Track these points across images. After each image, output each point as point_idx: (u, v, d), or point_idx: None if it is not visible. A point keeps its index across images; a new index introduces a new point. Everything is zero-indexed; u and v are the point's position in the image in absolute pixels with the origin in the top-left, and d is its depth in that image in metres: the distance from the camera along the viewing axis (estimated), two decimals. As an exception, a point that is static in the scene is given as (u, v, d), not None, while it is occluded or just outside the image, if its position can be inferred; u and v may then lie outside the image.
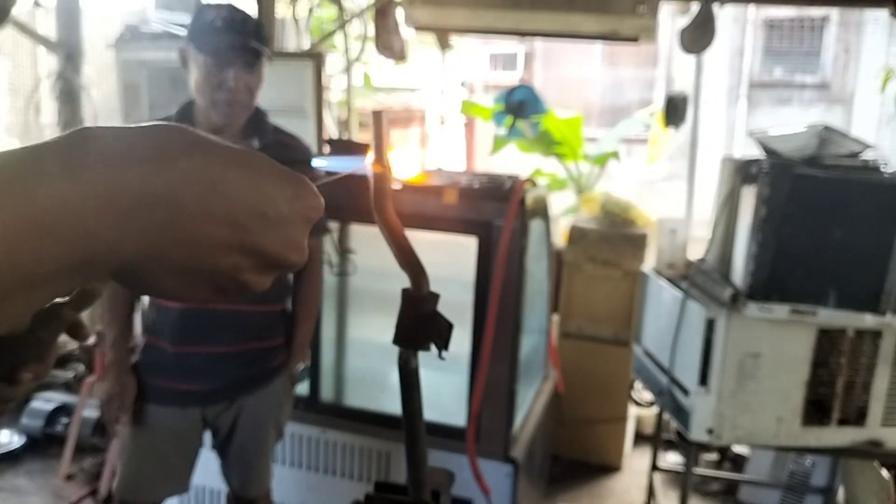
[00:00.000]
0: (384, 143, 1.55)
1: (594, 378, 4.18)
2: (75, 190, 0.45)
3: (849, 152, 2.52)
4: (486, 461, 2.90)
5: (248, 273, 0.53)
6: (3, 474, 3.92)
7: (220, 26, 2.13)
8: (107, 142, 0.48)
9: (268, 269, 0.54)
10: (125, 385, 2.33)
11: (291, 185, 0.54)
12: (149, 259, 0.49)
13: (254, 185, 0.51)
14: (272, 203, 0.52)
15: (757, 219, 2.49)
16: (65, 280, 0.47)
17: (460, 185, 2.99)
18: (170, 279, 0.51)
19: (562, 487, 4.04)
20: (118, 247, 0.47)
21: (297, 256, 0.55)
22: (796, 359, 2.57)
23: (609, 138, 6.89)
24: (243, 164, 0.52)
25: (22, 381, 0.75)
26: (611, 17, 3.18)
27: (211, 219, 0.49)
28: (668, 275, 2.97)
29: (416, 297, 1.68)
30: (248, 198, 0.51)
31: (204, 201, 0.49)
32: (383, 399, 3.16)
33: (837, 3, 5.57)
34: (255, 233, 0.51)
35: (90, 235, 0.46)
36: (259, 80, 2.24)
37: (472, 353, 2.90)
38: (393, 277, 1.79)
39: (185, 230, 0.49)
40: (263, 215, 0.51)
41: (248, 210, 0.51)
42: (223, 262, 0.51)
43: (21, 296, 0.45)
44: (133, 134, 0.50)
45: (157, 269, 0.50)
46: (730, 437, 2.66)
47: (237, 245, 0.51)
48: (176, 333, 2.31)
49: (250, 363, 2.41)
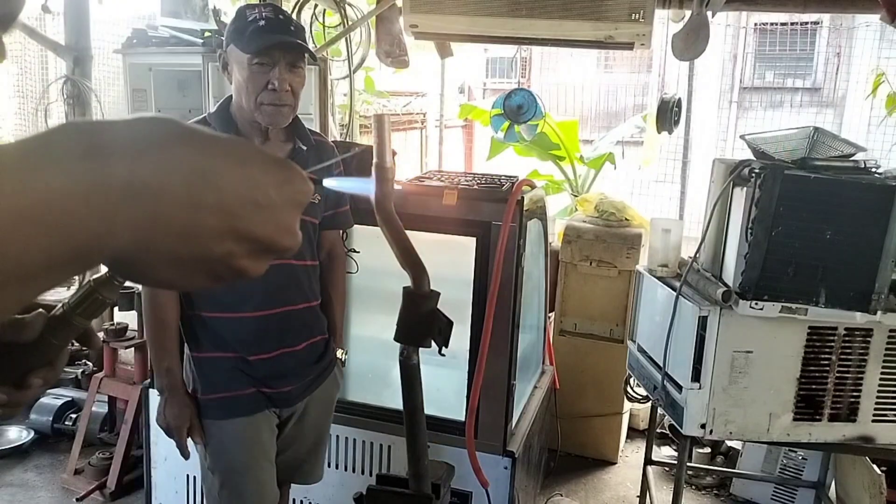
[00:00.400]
0: (386, 146, 1.63)
1: (590, 374, 4.24)
2: (63, 182, 0.45)
3: (839, 154, 2.52)
4: (485, 455, 2.94)
5: (243, 259, 0.53)
6: (13, 469, 3.96)
7: (264, 26, 2.08)
8: (93, 134, 0.49)
9: (262, 254, 0.55)
10: (188, 407, 2.31)
11: (280, 171, 0.54)
12: (141, 249, 0.49)
13: (243, 172, 0.52)
14: (261, 189, 0.52)
15: (748, 219, 2.49)
16: (56, 272, 0.47)
17: (459, 186, 3.02)
18: (164, 268, 0.51)
19: (558, 480, 4.09)
20: (108, 238, 0.47)
21: (290, 240, 0.55)
22: (787, 356, 2.58)
23: (604, 141, 6.96)
24: (231, 153, 0.52)
25: (32, 385, 0.77)
26: (606, 23, 3.20)
27: (201, 207, 0.50)
28: (662, 274, 2.97)
29: (416, 296, 1.76)
30: (238, 185, 0.51)
31: (194, 190, 0.49)
32: (385, 394, 3.19)
33: (829, 8, 5.64)
34: (246, 219, 0.52)
35: (79, 227, 0.46)
36: (303, 80, 2.21)
37: (472, 349, 2.92)
38: (394, 276, 1.86)
39: (176, 219, 0.49)
40: (254, 201, 0.52)
41: (238, 197, 0.51)
42: (216, 249, 0.51)
43: (11, 288, 0.45)
44: (120, 126, 0.50)
45: (150, 258, 0.50)
46: (722, 432, 2.66)
47: (229, 232, 0.51)
48: (250, 342, 2.29)
49: (319, 358, 2.47)
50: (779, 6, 4.22)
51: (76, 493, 3.71)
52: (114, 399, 4.12)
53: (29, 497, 3.75)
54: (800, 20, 11.25)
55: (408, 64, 4.08)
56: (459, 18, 3.29)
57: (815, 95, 12.10)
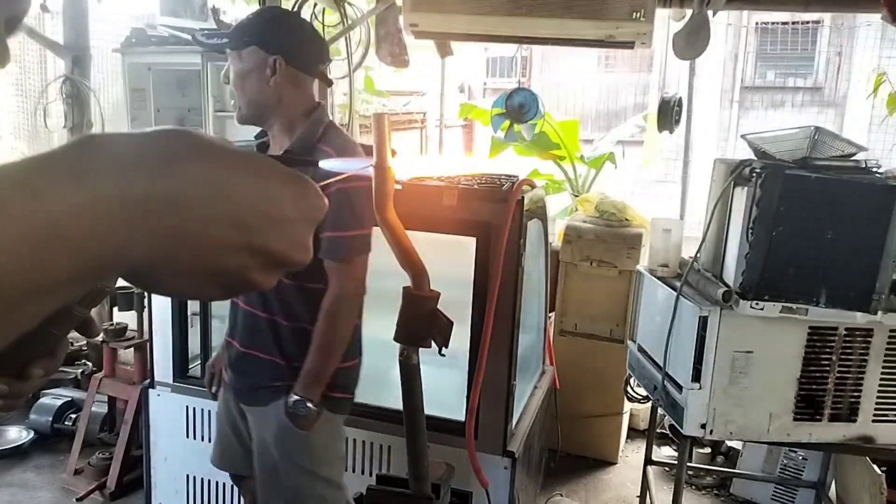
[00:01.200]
0: (385, 146, 1.62)
1: (590, 374, 4.24)
2: (83, 197, 0.45)
3: (840, 154, 2.52)
4: (485, 455, 2.93)
5: (255, 272, 0.53)
6: (13, 469, 3.96)
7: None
8: (113, 148, 0.49)
9: (273, 268, 0.55)
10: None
11: (295, 187, 0.55)
12: (158, 261, 0.50)
13: (259, 187, 0.52)
14: (277, 204, 0.53)
15: (749, 219, 2.49)
16: (75, 285, 0.48)
17: (460, 186, 3.01)
18: (179, 279, 0.52)
19: (558, 480, 4.09)
20: (127, 251, 0.48)
21: (302, 255, 0.56)
22: (788, 356, 2.57)
23: (605, 141, 6.96)
24: (248, 167, 0.53)
25: (32, 376, 0.76)
26: (607, 22, 3.19)
27: (218, 221, 0.50)
28: (662, 274, 2.97)
29: (416, 296, 1.75)
30: (254, 199, 0.52)
31: (210, 204, 0.50)
32: (385, 394, 3.17)
33: (830, 8, 5.64)
34: (261, 233, 0.52)
35: (99, 241, 0.46)
36: (239, 72, 2.29)
37: (472, 349, 2.91)
38: (394, 276, 1.85)
39: (193, 233, 0.50)
40: (269, 216, 0.52)
41: (254, 211, 0.52)
42: (230, 262, 0.52)
43: (30, 303, 0.46)
44: (139, 140, 0.50)
45: (165, 270, 0.51)
46: (722, 432, 2.66)
47: (244, 246, 0.52)
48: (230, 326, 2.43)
49: (256, 375, 2.35)
50: (780, 5, 4.22)
51: (76, 493, 3.71)
52: (113, 399, 4.12)
53: (29, 497, 3.75)
54: (801, 20, 11.25)
55: (408, 63, 4.08)
56: (459, 17, 3.28)
57: (816, 95, 12.10)
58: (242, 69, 2.22)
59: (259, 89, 2.22)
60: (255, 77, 2.21)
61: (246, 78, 2.22)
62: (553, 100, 11.22)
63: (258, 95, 2.23)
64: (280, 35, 2.23)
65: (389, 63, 4.03)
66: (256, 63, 2.20)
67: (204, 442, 3.29)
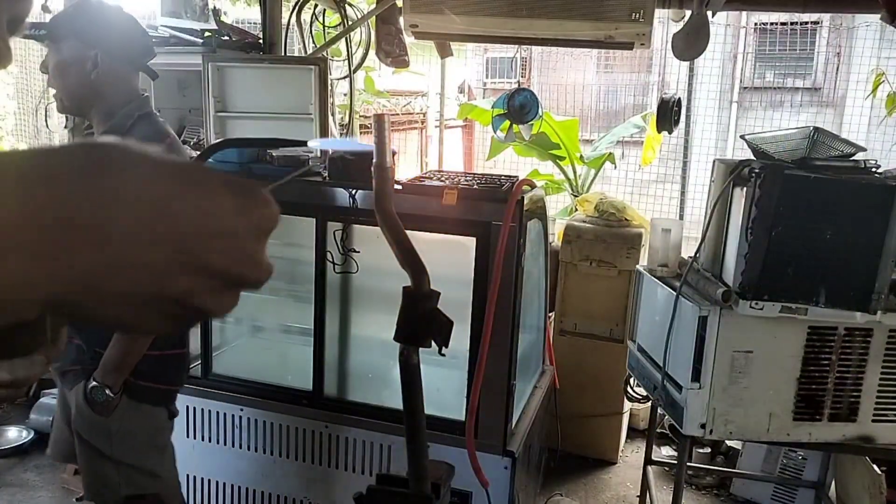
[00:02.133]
0: (386, 146, 1.63)
1: (590, 374, 4.25)
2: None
3: (839, 154, 2.52)
4: (485, 454, 2.93)
5: (205, 296, 0.48)
6: (12, 469, 3.97)
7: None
8: (17, 164, 0.44)
9: (227, 289, 0.49)
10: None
11: (237, 196, 0.48)
12: (83, 289, 0.44)
13: (195, 199, 0.46)
14: (217, 217, 0.47)
15: (748, 219, 2.50)
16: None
17: (459, 186, 3.02)
18: (115, 310, 0.46)
19: (559, 480, 4.10)
20: (39, 280, 0.42)
21: (256, 272, 0.49)
22: (787, 356, 2.58)
23: (604, 141, 6.97)
24: (181, 179, 0.47)
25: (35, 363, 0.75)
26: (606, 23, 3.20)
27: (149, 240, 0.44)
28: (662, 274, 2.98)
29: (416, 295, 1.75)
30: (189, 214, 0.46)
31: (140, 221, 0.44)
32: (385, 394, 3.18)
33: (829, 8, 5.65)
34: (200, 252, 0.46)
35: (5, 271, 0.41)
36: (56, 63, 2.30)
37: (472, 349, 2.91)
38: (394, 276, 1.85)
39: (121, 254, 0.44)
40: (209, 230, 0.46)
41: (191, 227, 0.46)
42: (172, 287, 0.46)
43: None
44: (46, 157, 0.45)
45: (95, 299, 0.45)
46: (722, 432, 2.67)
47: (183, 267, 0.46)
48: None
49: (66, 353, 2.33)
50: (779, 6, 4.23)
51: (76, 493, 3.70)
52: (114, 399, 4.11)
53: (29, 497, 3.75)
54: (800, 20, 11.25)
55: (408, 64, 4.09)
56: (459, 18, 3.29)
57: (815, 95, 12.09)
58: (62, 61, 2.24)
59: (79, 82, 2.24)
60: (75, 70, 2.23)
61: (65, 70, 2.24)
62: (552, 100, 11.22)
63: (78, 88, 2.26)
64: (100, 28, 2.24)
65: (389, 64, 4.04)
66: (76, 56, 2.22)
67: (204, 442, 3.30)
